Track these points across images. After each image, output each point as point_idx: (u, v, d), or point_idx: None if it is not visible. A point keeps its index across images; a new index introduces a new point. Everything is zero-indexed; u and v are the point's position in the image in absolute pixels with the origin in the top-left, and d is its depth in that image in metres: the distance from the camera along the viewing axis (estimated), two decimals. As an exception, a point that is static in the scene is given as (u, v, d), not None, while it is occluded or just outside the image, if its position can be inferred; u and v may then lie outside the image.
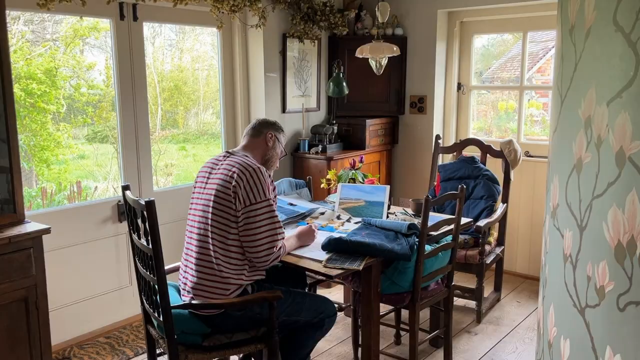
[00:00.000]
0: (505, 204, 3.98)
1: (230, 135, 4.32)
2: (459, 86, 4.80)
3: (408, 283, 2.83)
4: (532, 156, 4.44)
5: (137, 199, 2.31)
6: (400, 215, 3.16)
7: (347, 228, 3.05)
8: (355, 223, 3.15)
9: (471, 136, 4.84)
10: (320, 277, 2.89)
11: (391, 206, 3.46)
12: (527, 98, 6.26)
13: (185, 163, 4.49)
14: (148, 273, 2.37)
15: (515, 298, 4.17)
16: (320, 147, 4.39)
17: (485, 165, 4.04)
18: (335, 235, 2.76)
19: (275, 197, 2.61)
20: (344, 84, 4.38)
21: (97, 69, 3.73)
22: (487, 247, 3.75)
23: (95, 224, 3.51)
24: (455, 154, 4.22)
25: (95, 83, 3.76)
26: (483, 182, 3.91)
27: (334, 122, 4.61)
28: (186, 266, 2.56)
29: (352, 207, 3.33)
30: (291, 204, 3.37)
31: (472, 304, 3.94)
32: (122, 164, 3.64)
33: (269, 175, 2.54)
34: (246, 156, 2.56)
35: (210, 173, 2.58)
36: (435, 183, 4.13)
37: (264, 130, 2.71)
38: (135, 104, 3.63)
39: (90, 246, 3.50)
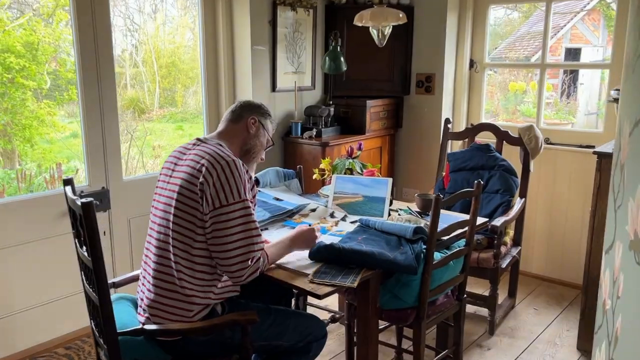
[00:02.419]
0: (524, 199, 3.49)
1: (213, 118, 3.83)
2: (472, 63, 4.29)
3: (413, 298, 2.36)
4: (552, 144, 3.95)
5: (74, 198, 1.83)
6: (404, 215, 2.68)
7: (341, 229, 2.58)
8: (352, 223, 2.68)
9: (484, 120, 4.35)
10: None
11: (393, 201, 2.98)
12: (537, 79, 5.80)
13: (181, 143, 4.02)
14: (92, 290, 1.90)
15: (532, 304, 3.71)
16: (314, 131, 3.90)
17: (501, 154, 3.56)
18: (326, 241, 2.30)
19: (254, 197, 2.13)
20: (342, 59, 3.88)
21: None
22: (503, 249, 3.27)
23: (53, 218, 3.04)
24: (467, 140, 3.73)
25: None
26: (499, 174, 3.43)
27: (331, 102, 4.11)
28: (144, 277, 2.10)
29: (348, 203, 2.86)
30: (277, 199, 2.90)
31: (482, 311, 3.49)
32: (85, 149, 3.16)
33: (246, 171, 2.06)
34: (220, 145, 2.07)
35: (175, 164, 2.10)
36: (444, 173, 3.65)
37: (245, 114, 2.22)
38: (99, 76, 3.13)
39: (47, 243, 3.03)
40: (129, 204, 3.33)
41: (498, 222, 3.09)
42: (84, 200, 1.72)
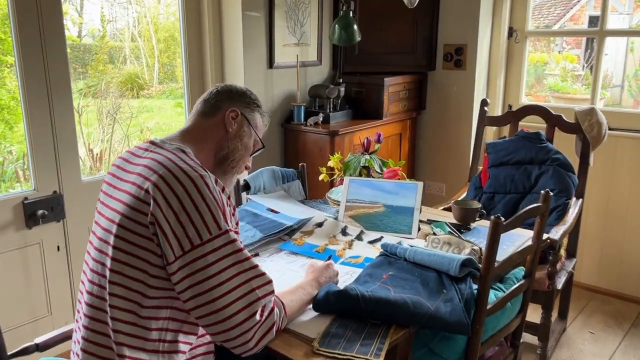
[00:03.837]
0: (581, 200, 2.81)
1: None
2: (511, 32, 3.56)
3: (457, 354, 1.72)
4: (611, 129, 3.24)
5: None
6: (440, 235, 2.00)
7: (357, 254, 1.93)
8: (370, 243, 2.03)
9: (524, 101, 3.65)
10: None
11: (421, 208, 2.31)
12: (558, 50, 5.21)
13: (179, 123, 3.55)
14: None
15: (587, 326, 3.05)
16: (320, 117, 3.22)
17: (552, 143, 2.87)
18: (339, 282, 1.66)
19: (237, 224, 1.47)
20: (355, 27, 3.18)
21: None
22: (558, 265, 2.61)
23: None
24: (509, 126, 3.03)
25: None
26: (553, 170, 2.74)
27: (341, 81, 3.43)
28: (75, 343, 1.45)
29: (365, 214, 2.19)
30: (272, 210, 2.23)
31: (528, 336, 2.84)
32: (29, 144, 2.50)
33: (222, 190, 1.39)
34: (181, 152, 1.40)
35: (118, 179, 1.44)
36: (482, 168, 2.96)
37: (223, 104, 1.54)
38: (44, 47, 2.44)
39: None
40: (90, 210, 2.67)
41: (556, 233, 2.41)
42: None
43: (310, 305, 1.54)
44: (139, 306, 1.31)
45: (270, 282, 1.35)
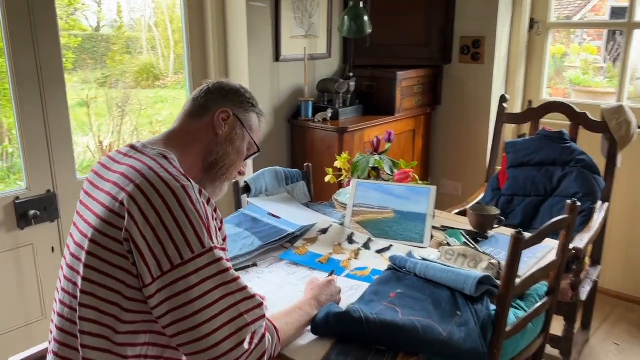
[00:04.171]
0: (607, 204, 2.62)
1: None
2: (532, 24, 3.36)
3: (472, 380, 1.55)
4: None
5: None
6: (455, 246, 1.83)
7: (364, 265, 1.77)
8: (378, 252, 1.88)
9: (545, 97, 3.45)
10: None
11: (435, 212, 2.14)
12: (578, 42, 5.03)
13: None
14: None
15: (610, 336, 2.87)
16: (330, 112, 3.05)
17: (576, 143, 2.68)
18: (342, 299, 1.50)
19: (224, 240, 1.32)
20: (366, 18, 3.01)
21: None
22: (582, 274, 2.43)
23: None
24: (529, 124, 2.84)
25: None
26: (577, 172, 2.56)
27: (351, 75, 3.25)
28: (48, 366, 1.32)
29: (374, 220, 2.03)
30: (273, 215, 2.08)
31: (548, 348, 2.67)
32: (20, 140, 2.37)
33: (207, 201, 1.23)
34: (163, 157, 1.25)
35: (95, 187, 1.29)
36: (500, 169, 2.79)
37: (213, 104, 1.37)
38: (34, 32, 2.30)
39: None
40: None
41: (581, 242, 2.24)
42: None
43: (309, 328, 1.39)
44: (113, 332, 1.17)
45: (260, 305, 1.20)
